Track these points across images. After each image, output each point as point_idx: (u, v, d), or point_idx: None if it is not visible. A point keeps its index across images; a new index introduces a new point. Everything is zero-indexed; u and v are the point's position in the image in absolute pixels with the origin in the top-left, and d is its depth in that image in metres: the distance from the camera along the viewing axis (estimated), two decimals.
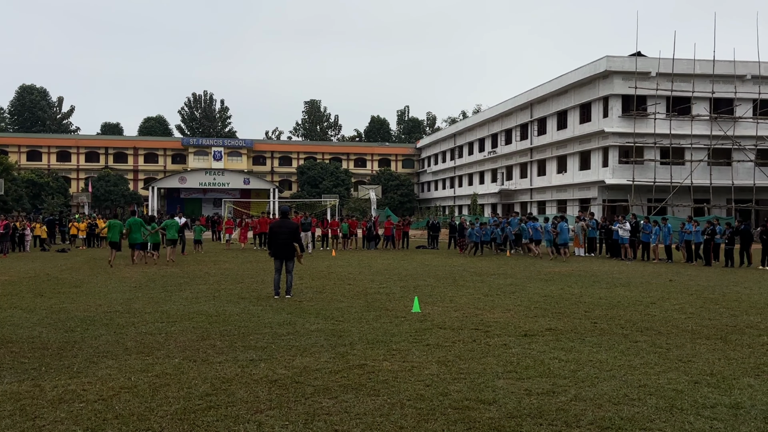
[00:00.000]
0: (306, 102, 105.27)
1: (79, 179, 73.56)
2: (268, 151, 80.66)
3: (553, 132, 48.60)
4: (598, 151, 42.90)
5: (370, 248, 30.32)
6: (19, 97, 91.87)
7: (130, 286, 14.71)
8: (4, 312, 10.73)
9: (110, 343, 8.27)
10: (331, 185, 71.29)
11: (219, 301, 12.30)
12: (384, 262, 21.97)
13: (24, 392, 6.01)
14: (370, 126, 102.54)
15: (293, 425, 5.12)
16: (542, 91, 49.08)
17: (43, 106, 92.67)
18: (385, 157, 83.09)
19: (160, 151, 77.28)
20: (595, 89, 42.73)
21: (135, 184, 74.28)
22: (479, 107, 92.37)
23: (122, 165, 75.50)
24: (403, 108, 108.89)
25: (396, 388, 6.19)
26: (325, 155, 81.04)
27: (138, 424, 5.14)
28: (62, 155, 74.94)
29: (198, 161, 74.90)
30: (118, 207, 64.55)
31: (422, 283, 15.57)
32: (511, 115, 55.60)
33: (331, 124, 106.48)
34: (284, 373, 6.74)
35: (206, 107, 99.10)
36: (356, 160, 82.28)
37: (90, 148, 75.81)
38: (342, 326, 9.51)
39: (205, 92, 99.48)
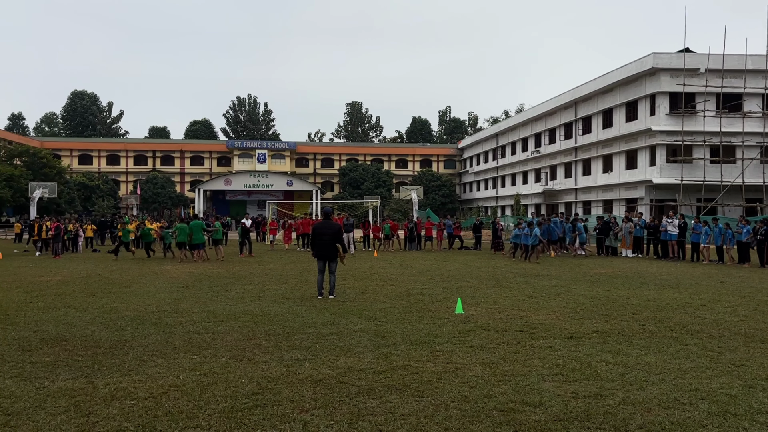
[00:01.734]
0: (348, 104, 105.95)
1: (128, 182, 75.52)
2: (311, 153, 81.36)
3: (599, 131, 47.74)
4: (644, 149, 41.98)
5: (412, 249, 30.28)
6: (71, 102, 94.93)
7: (177, 286, 15.03)
8: (59, 311, 11.10)
9: (159, 342, 8.46)
10: (373, 186, 71.51)
11: (264, 301, 12.47)
12: (426, 263, 21.93)
13: (78, 389, 6.20)
14: (412, 127, 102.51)
15: (338, 425, 5.16)
16: (587, 90, 48.27)
17: (93, 111, 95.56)
18: (426, 157, 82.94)
19: (205, 154, 78.74)
20: (641, 87, 41.82)
21: (182, 187, 75.90)
22: (522, 106, 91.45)
23: (169, 168, 77.20)
24: (445, 108, 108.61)
25: (440, 389, 6.18)
26: (367, 156, 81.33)
27: (187, 421, 5.25)
28: (112, 159, 77.06)
29: (242, 163, 76.05)
30: (183, 210, 65.93)
31: (465, 284, 15.48)
32: (555, 114, 54.84)
33: (373, 126, 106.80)
34: (329, 372, 6.79)
35: (250, 110, 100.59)
36: (398, 161, 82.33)
37: (138, 152, 77.77)
38: (385, 327, 9.53)
39: (249, 95, 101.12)
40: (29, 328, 9.45)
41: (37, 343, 8.31)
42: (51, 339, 8.60)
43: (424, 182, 72.07)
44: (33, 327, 9.50)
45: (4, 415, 5.39)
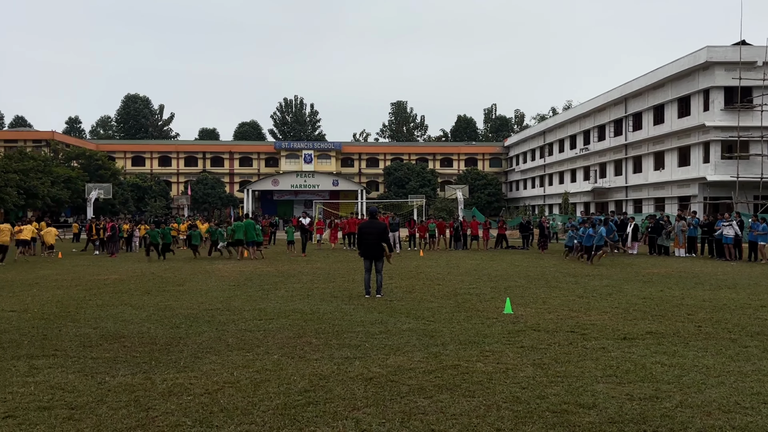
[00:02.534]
0: (392, 103, 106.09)
1: (179, 183, 77.29)
2: (356, 153, 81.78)
3: (650, 127, 46.60)
4: (698, 146, 40.77)
5: (458, 248, 30.14)
6: (124, 106, 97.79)
7: (228, 284, 15.33)
8: (116, 308, 11.45)
9: (213, 339, 8.66)
10: (418, 186, 71.42)
11: (313, 299, 12.61)
12: (472, 263, 21.80)
13: (137, 384, 6.39)
14: (457, 125, 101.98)
15: (390, 423, 5.19)
16: (637, 85, 47.16)
17: (146, 114, 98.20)
18: (471, 156, 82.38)
19: (254, 155, 80.00)
20: (694, 81, 40.62)
21: (231, 187, 77.29)
22: (570, 103, 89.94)
23: (219, 169, 78.72)
24: (490, 106, 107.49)
25: (491, 389, 6.14)
26: (412, 156, 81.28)
27: (242, 417, 5.36)
28: (163, 160, 79.01)
29: (289, 164, 76.96)
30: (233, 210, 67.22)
31: (513, 284, 15.34)
32: (604, 110, 53.76)
33: (417, 125, 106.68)
34: (379, 371, 6.83)
35: (297, 111, 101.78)
36: (442, 160, 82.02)
37: (189, 153, 79.51)
38: (433, 326, 9.52)
39: (296, 97, 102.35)
40: (89, 324, 9.78)
41: (97, 340, 8.60)
42: (110, 335, 8.89)
43: (469, 181, 71.59)
44: (93, 324, 9.84)
45: (69, 409, 5.60)
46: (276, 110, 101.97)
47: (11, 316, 10.65)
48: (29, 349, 8.01)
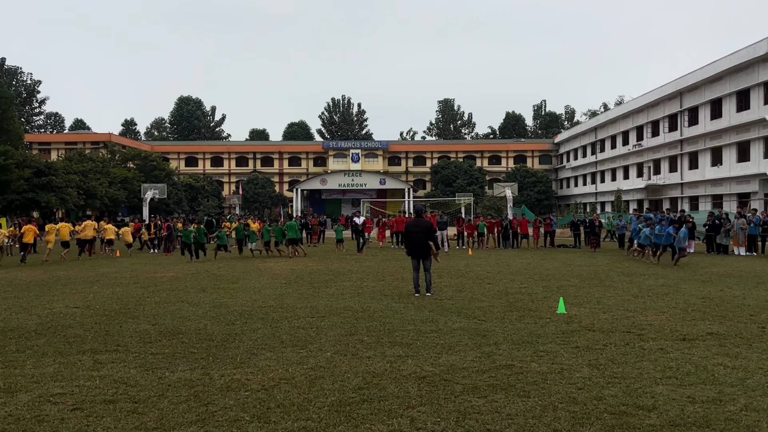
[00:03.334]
0: (439, 101, 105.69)
1: (231, 182, 78.79)
2: (403, 152, 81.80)
3: (706, 122, 45.14)
4: (758, 141, 39.28)
5: (507, 247, 29.83)
6: (178, 108, 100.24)
7: (280, 282, 15.56)
8: (174, 305, 11.77)
9: (267, 336, 8.81)
10: (465, 184, 70.97)
11: (363, 297, 12.68)
12: (523, 262, 21.55)
13: (196, 380, 6.56)
14: (505, 122, 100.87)
15: (445, 422, 5.19)
16: (693, 79, 45.75)
17: (198, 116, 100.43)
18: (520, 153, 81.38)
19: (302, 155, 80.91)
20: (754, 74, 39.15)
21: (281, 187, 78.37)
22: (622, 98, 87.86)
23: (269, 168, 79.92)
24: (540, 102, 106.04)
25: (546, 390, 6.07)
26: (459, 154, 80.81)
27: (298, 413, 5.44)
28: (215, 160, 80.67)
29: (337, 163, 77.55)
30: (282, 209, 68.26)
31: (566, 283, 15.10)
32: (658, 105, 52.35)
33: (465, 122, 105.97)
34: (432, 370, 6.83)
35: (344, 111, 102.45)
36: (490, 158, 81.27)
37: (240, 154, 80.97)
38: (485, 325, 9.46)
39: (343, 96, 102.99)
40: (148, 321, 10.08)
41: (156, 336, 8.85)
42: (168, 332, 9.15)
43: (518, 178, 70.73)
44: (151, 320, 10.13)
45: (132, 402, 5.78)
46: (324, 110, 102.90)
47: (75, 312, 11.06)
48: (93, 344, 8.31)
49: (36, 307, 11.68)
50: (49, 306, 11.76)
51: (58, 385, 6.38)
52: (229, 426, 5.14)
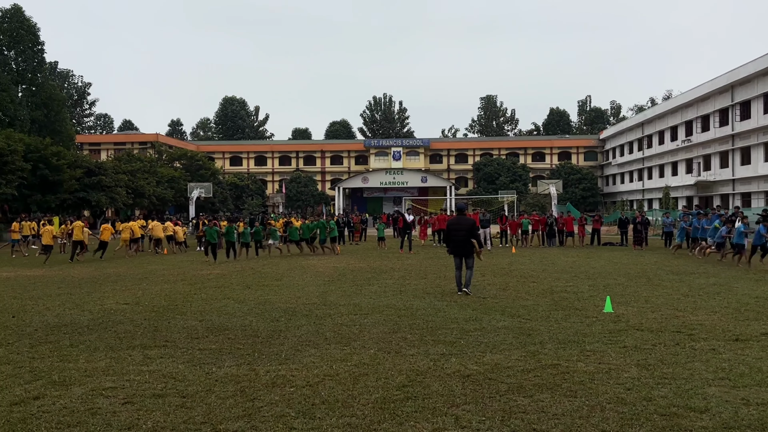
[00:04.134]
0: (481, 98, 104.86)
1: (274, 181, 79.81)
2: (445, 149, 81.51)
3: (759, 116, 43.64)
4: None
5: (551, 245, 29.41)
6: (222, 108, 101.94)
7: (323, 280, 15.68)
8: (220, 302, 11.97)
9: (311, 332, 8.88)
10: (508, 181, 70.29)
11: (405, 295, 12.67)
12: (568, 260, 21.22)
13: (242, 375, 6.65)
14: (549, 118, 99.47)
15: (490, 421, 5.14)
16: (745, 72, 44.28)
17: (242, 116, 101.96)
18: (565, 150, 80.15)
19: (344, 153, 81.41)
20: None
21: (323, 185, 79.01)
22: (670, 93, 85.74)
23: (311, 167, 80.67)
24: (585, 98, 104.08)
25: (594, 390, 5.96)
26: (502, 151, 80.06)
27: (343, 410, 5.46)
28: (259, 160, 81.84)
29: (378, 161, 77.76)
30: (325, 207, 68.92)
31: (613, 281, 14.81)
32: (708, 99, 50.86)
33: (508, 119, 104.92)
34: (476, 368, 6.78)
35: (386, 109, 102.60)
36: (534, 155, 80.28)
37: (283, 153, 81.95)
38: (530, 324, 9.35)
39: (384, 95, 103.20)
40: (195, 317, 10.28)
41: (203, 332, 9.02)
42: (215, 328, 9.31)
43: (562, 175, 69.69)
44: (198, 317, 10.33)
45: (181, 397, 5.90)
46: (365, 108, 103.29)
47: (125, 308, 11.35)
48: (142, 340, 8.51)
49: (88, 303, 12.03)
50: (101, 302, 12.10)
51: (110, 379, 6.55)
52: (274, 422, 5.20)
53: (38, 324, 9.78)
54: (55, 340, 8.57)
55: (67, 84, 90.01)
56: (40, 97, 54.75)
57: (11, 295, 13.31)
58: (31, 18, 55.29)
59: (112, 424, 5.18)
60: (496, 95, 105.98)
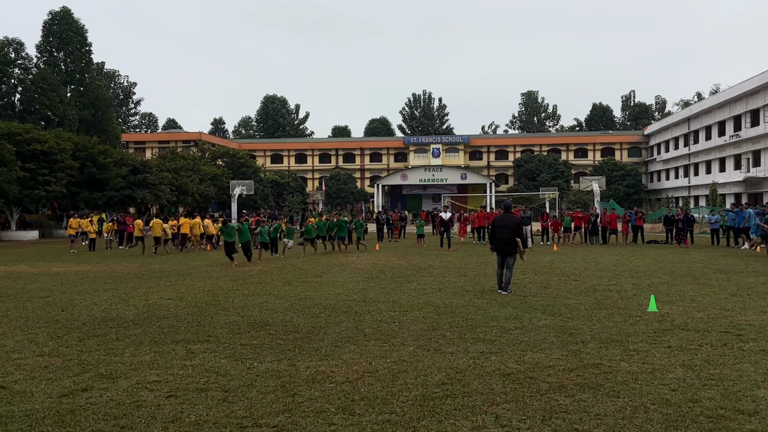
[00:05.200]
0: (522, 93, 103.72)
1: (314, 179, 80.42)
2: (484, 146, 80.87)
3: None
4: None
5: (593, 243, 28.91)
6: (264, 106, 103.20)
7: (362, 276, 15.74)
8: (261, 298, 12.13)
9: (350, 329, 8.92)
10: (550, 178, 69.36)
11: (445, 293, 12.63)
12: (611, 258, 20.83)
13: (283, 371, 6.73)
14: (592, 114, 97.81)
15: (531, 420, 5.09)
16: None
17: (283, 114, 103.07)
18: (608, 146, 78.66)
19: (383, 151, 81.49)
20: None
21: (362, 182, 79.26)
22: (717, 87, 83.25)
23: (350, 165, 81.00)
24: (629, 93, 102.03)
25: (637, 390, 5.84)
26: (543, 147, 79.02)
27: (382, 407, 5.48)
28: (299, 157, 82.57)
29: (418, 158, 77.62)
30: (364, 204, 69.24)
31: (657, 280, 14.48)
32: (758, 93, 49.24)
33: (549, 115, 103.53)
34: (516, 367, 6.72)
35: (425, 106, 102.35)
36: (576, 151, 79.00)
37: (323, 150, 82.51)
38: (571, 323, 9.21)
39: (424, 92, 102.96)
40: (237, 313, 10.43)
41: (245, 327, 9.15)
42: (256, 323, 9.43)
43: (605, 172, 68.35)
44: (240, 312, 10.48)
45: (223, 391, 6.00)
46: (405, 106, 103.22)
47: (169, 303, 11.59)
48: (186, 335, 8.68)
49: (133, 298, 12.32)
50: (145, 297, 12.38)
51: (154, 372, 6.70)
52: (315, 417, 5.24)
53: (86, 318, 10.07)
54: (102, 333, 8.80)
55: (114, 84, 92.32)
56: (88, 97, 56.28)
57: (60, 290, 13.73)
58: (79, 20, 56.89)
59: (156, 417, 5.30)
60: (537, 91, 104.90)
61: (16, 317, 10.23)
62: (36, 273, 17.78)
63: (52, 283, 15.21)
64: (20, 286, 14.52)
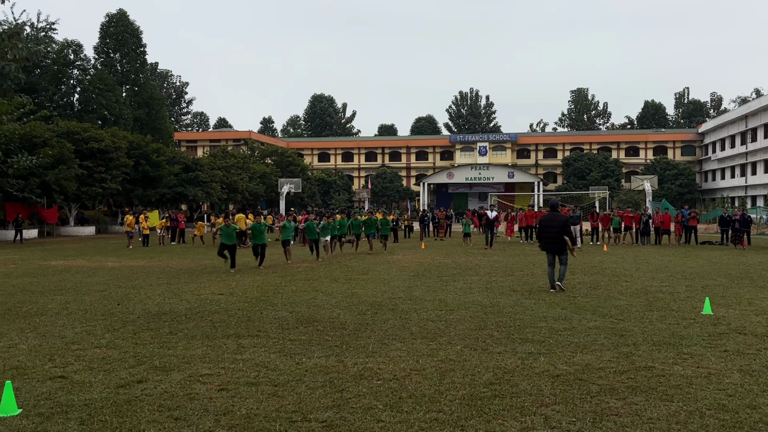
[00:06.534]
0: (572, 91, 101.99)
1: (360, 177, 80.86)
2: (532, 144, 79.86)
3: None
4: None
5: (645, 244, 28.22)
6: (311, 105, 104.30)
7: (408, 274, 15.75)
8: (309, 294, 12.27)
9: (397, 327, 8.95)
10: (600, 176, 68.04)
11: (492, 292, 12.54)
12: (663, 259, 20.31)
13: (331, 366, 6.80)
14: (643, 112, 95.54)
15: (581, 422, 5.01)
16: None
17: (330, 113, 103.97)
18: (660, 144, 76.69)
19: (429, 149, 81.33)
20: None
21: (408, 181, 79.32)
22: None
23: (397, 163, 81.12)
24: (682, 90, 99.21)
25: (692, 395, 5.69)
26: (593, 145, 77.56)
27: (430, 405, 5.48)
28: (346, 156, 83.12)
29: (464, 157, 77.19)
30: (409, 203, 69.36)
31: (712, 282, 14.06)
32: None
33: (600, 113, 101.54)
34: (566, 368, 6.63)
35: (472, 104, 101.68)
36: (627, 149, 77.28)
37: (369, 149, 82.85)
38: (622, 325, 9.03)
39: (471, 89, 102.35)
40: (286, 308, 10.58)
41: (293, 323, 9.28)
42: (304, 319, 9.55)
43: (658, 171, 66.69)
44: (289, 308, 10.63)
45: (273, 386, 6.10)
46: (451, 104, 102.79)
47: (220, 298, 11.84)
48: (236, 329, 8.85)
49: (185, 293, 12.63)
50: (197, 292, 12.67)
51: (206, 366, 6.86)
52: (363, 413, 5.28)
53: (140, 312, 10.37)
54: (156, 327, 9.05)
55: (167, 84, 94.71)
56: (142, 97, 57.84)
57: (116, 284, 14.17)
58: (135, 22, 58.50)
59: (209, 409, 5.42)
60: (587, 88, 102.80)
61: (75, 310, 10.61)
62: (93, 267, 18.40)
63: (108, 277, 15.71)
64: (78, 280, 15.04)
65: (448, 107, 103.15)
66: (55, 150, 35.33)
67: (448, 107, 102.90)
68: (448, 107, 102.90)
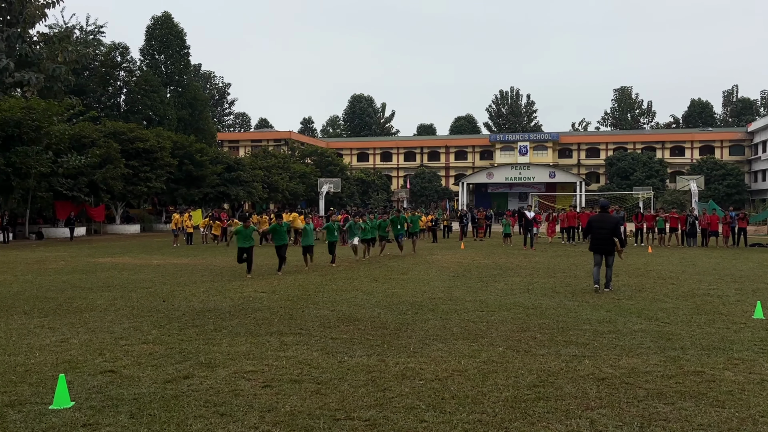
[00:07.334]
0: (615, 89, 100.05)
1: (399, 177, 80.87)
2: (574, 143, 78.65)
3: None
4: None
5: (691, 245, 27.52)
6: (351, 105, 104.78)
7: (448, 275, 15.70)
8: (349, 293, 12.34)
9: (438, 327, 8.93)
10: (644, 176, 66.61)
11: (533, 294, 12.40)
12: (711, 261, 19.78)
13: (372, 366, 6.82)
14: (690, 110, 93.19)
15: (628, 427, 4.93)
16: None
17: (369, 113, 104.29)
18: (707, 143, 74.70)
19: (468, 149, 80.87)
20: None
21: (446, 181, 79.03)
22: None
23: (435, 163, 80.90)
24: (731, 88, 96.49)
25: (744, 401, 5.54)
26: (637, 145, 75.99)
27: (473, 406, 5.45)
28: (385, 156, 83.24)
29: (504, 156, 76.47)
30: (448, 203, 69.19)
31: (763, 285, 13.64)
32: None
33: (644, 111, 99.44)
34: (611, 372, 6.51)
35: (513, 103, 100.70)
36: (672, 149, 75.49)
37: (408, 149, 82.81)
38: (669, 329, 8.83)
39: (511, 88, 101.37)
40: (327, 307, 10.66)
41: (335, 321, 9.34)
42: (345, 318, 9.61)
43: (704, 171, 64.96)
44: (330, 306, 10.71)
45: (316, 384, 6.15)
46: (491, 103, 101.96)
47: (263, 296, 11.99)
48: (279, 327, 8.96)
49: (229, 291, 12.83)
50: (240, 290, 12.86)
51: (250, 363, 6.95)
52: (405, 413, 5.28)
53: (185, 308, 10.57)
54: (201, 324, 9.22)
55: (209, 85, 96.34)
56: (186, 98, 58.98)
57: (161, 281, 14.48)
58: (179, 24, 59.70)
59: (253, 405, 5.50)
60: (631, 87, 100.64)
61: (123, 306, 10.88)
62: (139, 265, 18.83)
63: (154, 274, 16.06)
64: (125, 277, 15.42)
65: (488, 106, 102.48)
66: (103, 150, 36.32)
67: (488, 106, 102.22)
68: (488, 106, 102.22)
